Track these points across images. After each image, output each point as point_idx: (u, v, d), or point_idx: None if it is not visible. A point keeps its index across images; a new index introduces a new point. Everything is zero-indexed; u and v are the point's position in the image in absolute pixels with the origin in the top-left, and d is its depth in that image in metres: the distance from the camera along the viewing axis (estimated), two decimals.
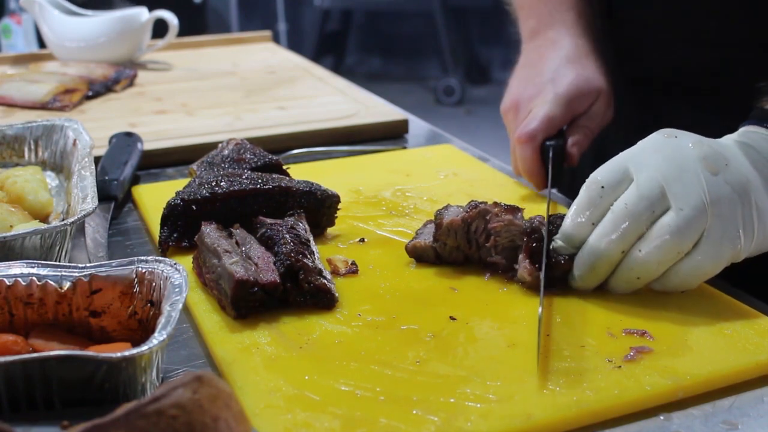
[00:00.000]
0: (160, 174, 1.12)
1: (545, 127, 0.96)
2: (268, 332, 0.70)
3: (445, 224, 0.81)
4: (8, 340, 0.63)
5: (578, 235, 0.74)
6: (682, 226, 0.70)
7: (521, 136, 0.96)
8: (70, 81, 1.41)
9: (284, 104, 1.37)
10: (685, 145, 0.73)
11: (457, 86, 5.10)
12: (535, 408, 0.60)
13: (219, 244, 0.75)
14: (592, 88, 0.98)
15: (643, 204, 0.71)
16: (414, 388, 0.63)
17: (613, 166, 0.74)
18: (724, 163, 0.72)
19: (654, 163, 0.72)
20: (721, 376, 0.64)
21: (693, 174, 0.71)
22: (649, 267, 0.72)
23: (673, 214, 0.70)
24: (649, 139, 0.76)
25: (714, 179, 0.71)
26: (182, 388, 0.48)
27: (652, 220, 0.71)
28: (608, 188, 0.73)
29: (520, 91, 1.01)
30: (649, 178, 0.72)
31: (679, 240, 0.70)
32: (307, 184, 0.88)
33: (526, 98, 0.99)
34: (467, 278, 0.80)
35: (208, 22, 4.84)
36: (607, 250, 0.72)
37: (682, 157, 0.72)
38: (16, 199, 0.88)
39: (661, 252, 0.71)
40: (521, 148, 0.96)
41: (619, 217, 0.71)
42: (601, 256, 0.73)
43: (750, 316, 0.72)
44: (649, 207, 0.71)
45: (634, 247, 0.72)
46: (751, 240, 0.72)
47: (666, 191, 0.71)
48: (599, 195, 0.73)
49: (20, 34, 3.98)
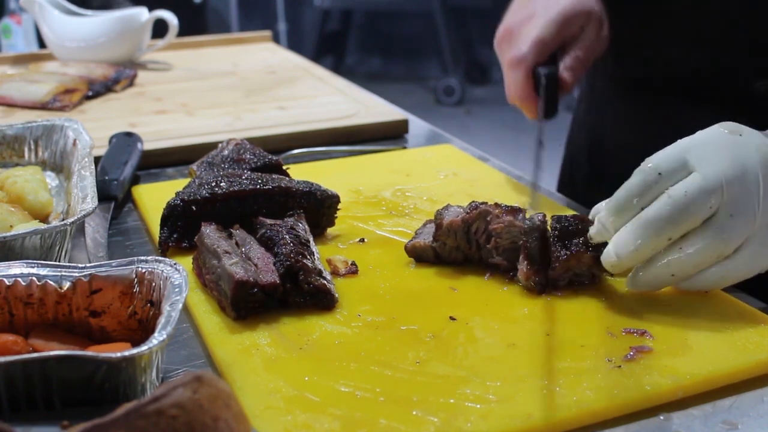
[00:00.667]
0: (160, 174, 1.12)
1: (536, 50, 0.93)
2: (268, 333, 0.70)
3: (445, 225, 0.81)
4: (8, 340, 0.63)
5: (626, 214, 0.72)
6: (728, 232, 0.69)
7: (511, 60, 0.93)
8: (70, 81, 1.41)
9: (284, 104, 1.37)
10: (750, 145, 0.71)
11: (457, 86, 5.10)
12: (535, 408, 0.60)
13: (219, 244, 0.75)
14: (584, 9, 0.96)
15: (703, 196, 0.69)
16: (414, 388, 0.63)
17: (671, 154, 0.72)
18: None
19: (719, 159, 0.71)
20: (721, 376, 0.65)
21: (753, 179, 0.70)
22: (686, 266, 0.71)
23: (721, 218, 0.69)
24: (710, 131, 0.74)
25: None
26: (182, 388, 0.48)
27: (707, 215, 0.70)
28: (665, 175, 0.71)
29: (512, 18, 0.98)
30: (714, 173, 0.70)
31: (723, 245, 0.70)
32: (307, 184, 0.88)
33: (517, 24, 0.97)
34: (467, 278, 0.80)
35: (208, 22, 4.83)
36: (656, 232, 0.70)
37: (746, 160, 0.71)
38: (16, 199, 0.88)
39: (702, 252, 0.70)
40: (512, 73, 0.93)
41: (677, 203, 0.69)
42: (648, 237, 0.70)
43: (750, 316, 0.72)
44: (707, 201, 0.69)
45: (675, 244, 0.71)
46: None
47: (725, 191, 0.69)
48: (655, 181, 0.71)
49: (20, 34, 3.98)
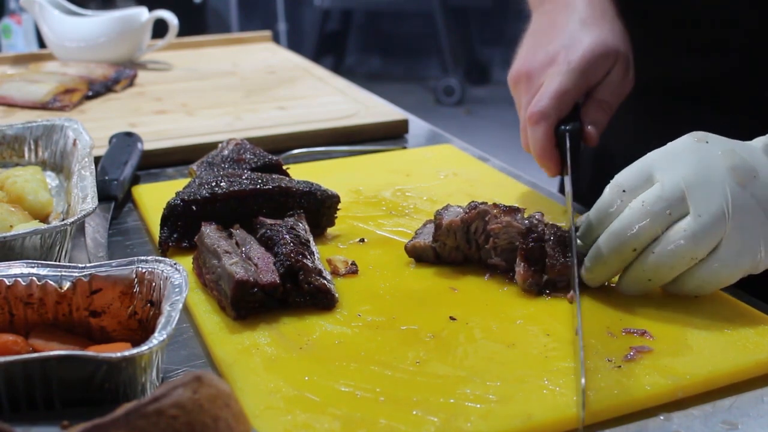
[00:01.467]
0: (160, 174, 1.12)
1: (558, 104, 0.87)
2: (268, 333, 0.70)
3: (445, 225, 0.81)
4: (8, 340, 0.63)
5: (595, 233, 0.74)
6: (698, 233, 0.69)
7: (532, 116, 0.87)
8: (70, 81, 1.41)
9: (284, 104, 1.37)
10: (715, 152, 0.72)
11: (457, 86, 5.11)
12: (535, 408, 0.60)
13: (219, 244, 0.75)
14: (610, 51, 0.88)
15: (660, 204, 0.70)
16: (414, 388, 0.63)
17: (636, 169, 0.73)
18: (753, 175, 0.71)
19: (680, 166, 0.71)
20: (721, 376, 0.65)
21: (719, 182, 0.70)
22: (661, 270, 0.71)
23: (690, 220, 0.69)
24: (678, 142, 0.74)
25: (740, 190, 0.69)
26: (182, 388, 0.48)
27: (668, 222, 0.70)
28: (629, 191, 0.72)
29: (531, 59, 0.91)
30: (672, 181, 0.70)
31: (694, 246, 0.69)
32: (307, 184, 0.88)
33: (537, 67, 0.90)
34: (467, 278, 0.80)
35: (208, 22, 4.84)
36: (619, 246, 0.71)
37: (710, 164, 0.71)
38: (16, 199, 0.88)
39: (674, 256, 0.70)
40: (533, 130, 0.87)
41: (635, 214, 0.71)
42: (612, 250, 0.72)
43: (750, 316, 0.72)
44: (665, 208, 0.70)
45: (648, 248, 0.71)
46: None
47: (687, 196, 0.70)
48: (620, 198, 0.73)
49: (20, 34, 3.98)
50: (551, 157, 0.88)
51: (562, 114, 0.88)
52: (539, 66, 0.90)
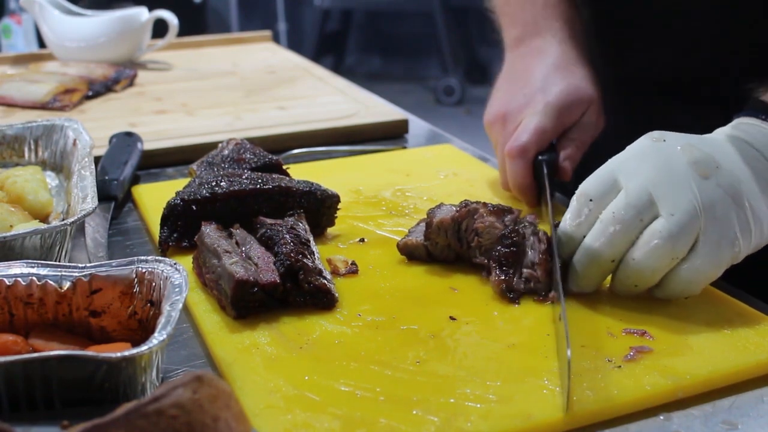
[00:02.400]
0: (160, 174, 1.12)
1: (537, 140, 0.91)
2: (268, 332, 0.70)
3: (436, 223, 0.81)
4: (8, 340, 0.63)
5: (571, 243, 0.74)
6: (673, 230, 0.68)
7: (512, 150, 0.91)
8: (70, 81, 1.41)
9: (284, 104, 1.37)
10: (674, 149, 0.72)
11: (457, 86, 5.10)
12: (535, 408, 0.60)
13: (219, 244, 0.75)
14: (583, 96, 0.95)
15: (630, 212, 0.70)
16: (414, 388, 0.63)
17: (600, 176, 0.73)
18: (715, 166, 0.71)
19: (642, 170, 0.71)
20: (721, 376, 0.65)
21: (683, 179, 0.70)
22: (643, 274, 0.71)
23: (663, 220, 0.69)
24: (636, 144, 0.74)
25: (705, 183, 0.70)
26: (182, 388, 0.48)
27: (640, 228, 0.70)
28: (596, 200, 0.72)
29: (507, 101, 0.96)
30: (637, 186, 0.70)
31: (672, 244, 0.69)
32: (307, 184, 0.88)
33: (514, 109, 0.95)
34: (467, 278, 0.80)
35: (208, 22, 4.83)
36: (596, 257, 0.72)
37: (671, 162, 0.71)
38: (16, 199, 0.88)
39: (653, 258, 0.69)
40: (512, 163, 0.92)
41: (607, 224, 0.71)
42: (590, 263, 0.72)
43: (750, 316, 0.72)
44: (636, 215, 0.70)
45: (628, 255, 0.71)
46: (749, 240, 0.71)
47: (654, 198, 0.70)
48: (587, 207, 0.73)
49: (20, 34, 3.98)
50: (530, 190, 0.93)
51: (540, 150, 0.93)
52: (516, 108, 0.95)
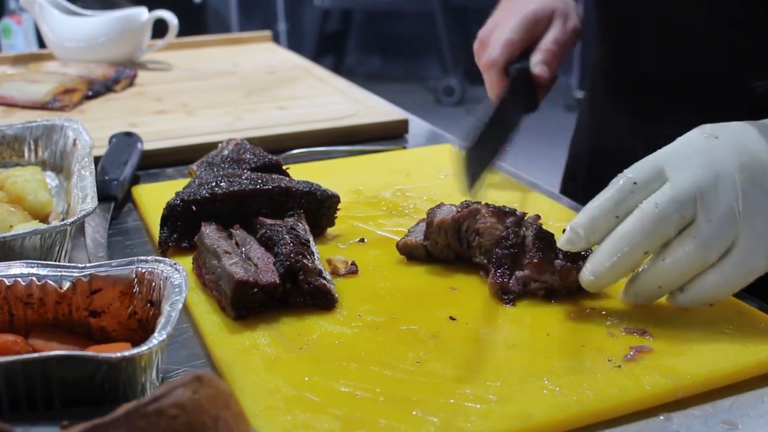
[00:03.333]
0: (160, 174, 1.12)
1: (506, 51, 0.99)
2: (267, 333, 0.70)
3: (436, 223, 0.81)
4: (8, 340, 0.63)
5: (600, 229, 0.70)
6: (708, 238, 0.67)
7: (484, 64, 1.00)
8: (70, 81, 1.41)
9: (284, 104, 1.37)
10: (725, 149, 0.70)
11: (457, 86, 5.11)
12: (535, 408, 0.60)
13: (219, 244, 0.75)
14: (547, 8, 1.01)
15: (674, 207, 0.68)
16: (414, 388, 0.63)
17: (647, 164, 0.71)
18: (764, 170, 0.69)
19: (691, 166, 0.69)
20: (721, 376, 0.64)
21: (728, 183, 0.68)
22: (671, 277, 0.69)
23: (701, 225, 0.67)
24: (687, 137, 0.72)
25: (751, 188, 0.68)
26: (182, 388, 0.48)
27: (680, 225, 0.68)
28: (641, 185, 0.70)
29: (485, 28, 1.05)
30: (686, 182, 0.68)
31: (704, 252, 0.67)
32: (307, 184, 0.88)
33: (488, 32, 1.03)
34: (467, 278, 0.80)
35: (208, 22, 4.83)
36: (631, 247, 0.69)
37: (720, 163, 0.69)
38: (16, 199, 0.88)
39: (684, 263, 0.68)
40: (486, 76, 1.00)
41: (648, 216, 0.68)
42: (622, 253, 0.69)
43: (750, 315, 0.72)
44: (679, 211, 0.68)
45: (659, 255, 0.70)
46: None
47: (698, 198, 0.68)
48: (630, 190, 0.70)
49: (20, 34, 3.98)
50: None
51: (511, 60, 1.00)
52: (490, 30, 1.04)
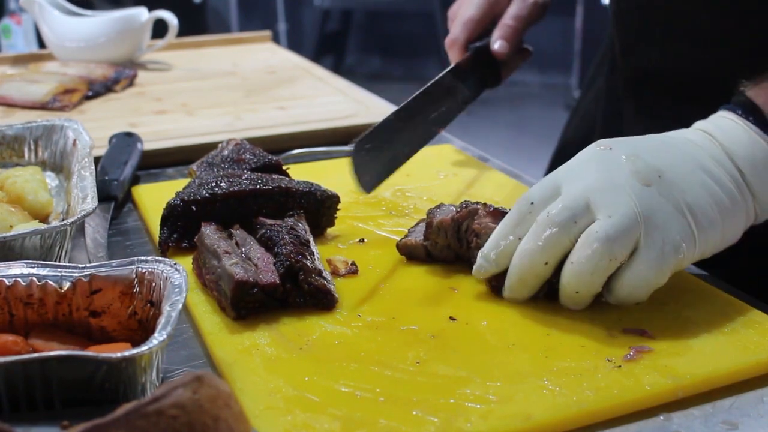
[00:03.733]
0: (160, 174, 1.12)
1: (465, 30, 1.06)
2: (267, 333, 0.70)
3: (436, 223, 0.81)
4: (8, 340, 0.63)
5: (506, 251, 0.73)
6: (610, 232, 0.67)
7: (446, 43, 1.08)
8: (70, 81, 1.41)
9: (284, 104, 1.37)
10: (618, 158, 0.71)
11: None
12: (535, 408, 0.60)
13: (219, 245, 0.75)
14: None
15: (565, 213, 0.69)
16: (414, 388, 0.63)
17: (544, 182, 0.73)
18: (657, 175, 0.70)
19: (583, 176, 0.71)
20: (721, 376, 0.65)
21: (623, 187, 0.69)
22: (583, 278, 0.69)
23: (600, 222, 0.68)
24: (582, 152, 0.74)
25: (646, 191, 0.69)
26: (182, 388, 0.48)
27: (575, 232, 0.69)
28: (538, 204, 0.72)
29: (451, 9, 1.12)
30: (575, 189, 0.70)
31: (609, 246, 0.67)
32: (307, 184, 0.88)
33: (453, 12, 1.11)
34: (467, 278, 0.80)
35: (208, 22, 4.83)
36: (530, 260, 0.71)
37: (613, 170, 0.71)
38: (16, 199, 0.88)
39: (591, 261, 0.68)
40: (449, 53, 1.07)
41: (541, 226, 0.70)
42: (525, 266, 0.71)
43: (750, 315, 0.72)
44: (571, 217, 0.69)
45: (567, 259, 0.70)
46: (693, 248, 0.70)
47: (591, 202, 0.69)
48: (528, 210, 0.72)
49: (20, 34, 3.98)
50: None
51: (472, 37, 1.07)
52: (454, 11, 1.11)
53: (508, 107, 3.87)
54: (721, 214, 0.71)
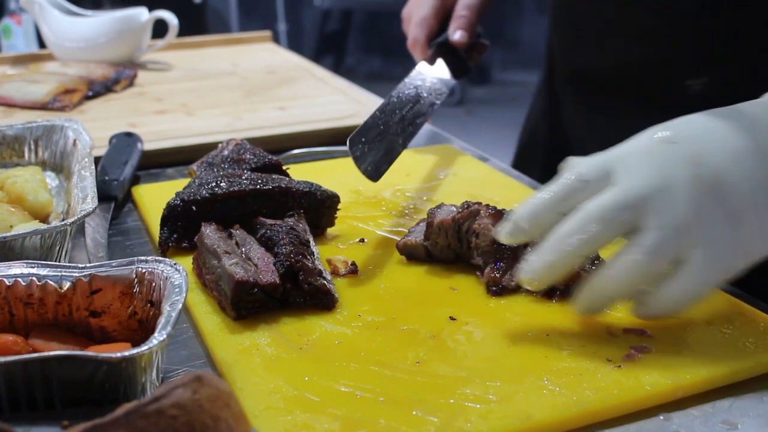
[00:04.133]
0: (160, 174, 1.12)
1: (423, 29, 1.11)
2: (268, 333, 0.70)
3: (436, 223, 0.81)
4: (8, 340, 0.63)
5: (543, 223, 0.67)
6: (654, 248, 0.63)
7: (409, 44, 1.13)
8: (70, 81, 1.41)
9: (284, 104, 1.37)
10: (679, 157, 0.66)
11: (457, 86, 5.08)
12: (535, 408, 0.60)
13: (219, 245, 0.75)
14: None
15: (618, 212, 0.64)
16: (414, 388, 0.63)
17: (598, 162, 0.67)
18: (718, 181, 0.64)
19: (642, 170, 0.65)
20: (721, 376, 0.64)
21: (681, 192, 0.64)
22: (620, 287, 0.65)
23: (649, 233, 0.63)
24: (642, 139, 0.68)
25: (704, 200, 0.64)
26: (182, 388, 0.48)
27: (622, 231, 0.65)
28: (588, 183, 0.66)
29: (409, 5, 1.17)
30: (633, 187, 0.65)
31: (651, 261, 0.63)
32: (307, 184, 0.88)
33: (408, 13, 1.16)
34: (467, 278, 0.80)
35: (208, 22, 4.83)
36: (570, 250, 0.65)
37: (673, 170, 0.65)
38: (16, 199, 0.88)
39: (631, 273, 0.64)
40: (414, 54, 1.12)
41: (591, 218, 0.64)
42: (562, 254, 0.65)
43: (750, 315, 0.72)
44: (623, 215, 0.64)
45: (608, 263, 0.66)
46: (745, 259, 0.65)
47: (646, 206, 0.64)
48: (577, 188, 0.66)
49: (20, 34, 3.98)
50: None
51: (431, 34, 1.12)
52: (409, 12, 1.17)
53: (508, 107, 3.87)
54: None
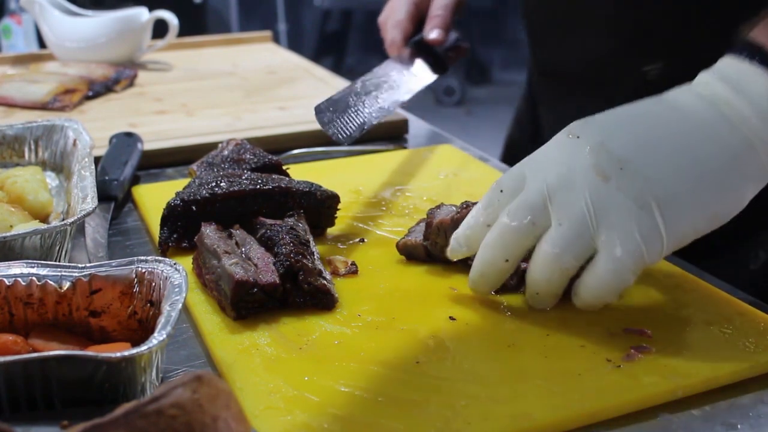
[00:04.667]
0: (160, 174, 1.12)
1: (400, 31, 1.15)
2: (267, 333, 0.70)
3: (435, 224, 0.81)
4: (8, 340, 0.63)
5: (476, 237, 0.72)
6: (559, 243, 0.66)
7: (387, 47, 1.18)
8: (70, 81, 1.41)
9: (284, 104, 1.37)
10: (582, 149, 0.67)
11: (457, 86, 5.10)
12: (535, 408, 0.60)
13: (219, 245, 0.75)
14: None
15: (523, 213, 0.67)
16: (414, 388, 0.63)
17: (515, 169, 0.71)
18: (619, 167, 0.65)
19: (546, 169, 0.68)
20: (721, 376, 0.64)
21: (579, 183, 0.66)
22: (540, 283, 0.69)
23: (552, 230, 0.66)
24: (554, 138, 0.71)
25: (603, 187, 0.65)
26: (182, 388, 0.48)
27: (535, 232, 0.67)
28: (506, 192, 0.70)
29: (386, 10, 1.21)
30: (535, 188, 0.68)
31: (559, 255, 0.66)
32: (307, 184, 0.88)
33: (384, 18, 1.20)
34: (467, 278, 0.79)
35: (208, 22, 4.83)
36: (491, 257, 0.69)
37: (574, 163, 0.67)
38: (16, 199, 0.88)
39: (544, 268, 0.67)
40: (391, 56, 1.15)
41: (502, 225, 0.69)
42: (486, 262, 0.70)
43: (750, 315, 0.72)
44: (530, 219, 0.67)
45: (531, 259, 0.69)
46: (659, 244, 0.65)
47: (548, 202, 0.67)
48: (497, 199, 0.70)
49: (20, 34, 3.98)
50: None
51: (407, 35, 1.16)
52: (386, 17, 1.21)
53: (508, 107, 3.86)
54: (710, 190, 0.66)
